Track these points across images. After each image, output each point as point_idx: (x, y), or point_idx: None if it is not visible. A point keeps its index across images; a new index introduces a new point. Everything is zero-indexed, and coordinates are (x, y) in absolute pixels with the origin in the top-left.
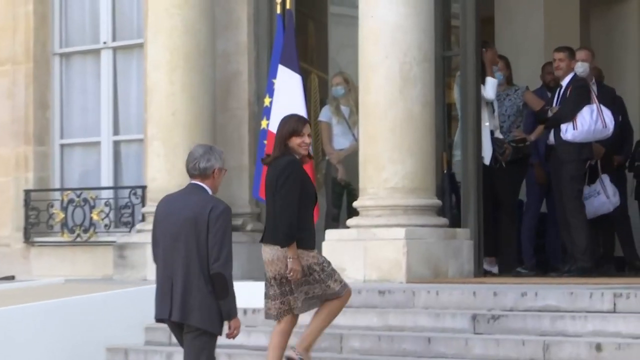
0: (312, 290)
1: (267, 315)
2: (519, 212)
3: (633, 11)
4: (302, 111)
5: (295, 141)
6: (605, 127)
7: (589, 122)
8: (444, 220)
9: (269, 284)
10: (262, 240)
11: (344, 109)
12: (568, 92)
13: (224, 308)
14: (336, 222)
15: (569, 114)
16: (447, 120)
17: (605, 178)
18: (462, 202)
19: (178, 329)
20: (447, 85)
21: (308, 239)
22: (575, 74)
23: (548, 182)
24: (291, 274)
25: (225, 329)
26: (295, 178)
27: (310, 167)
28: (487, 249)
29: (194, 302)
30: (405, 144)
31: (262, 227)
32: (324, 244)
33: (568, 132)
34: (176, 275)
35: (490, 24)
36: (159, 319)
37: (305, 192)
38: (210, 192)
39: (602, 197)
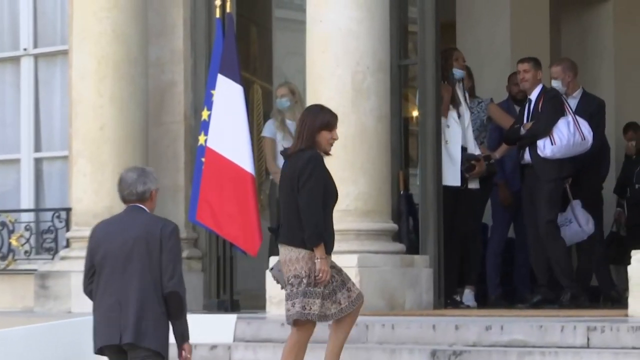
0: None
1: (288, 319)
2: (483, 237)
3: (607, 15)
4: (243, 125)
5: (325, 136)
6: (584, 139)
7: (567, 136)
8: (400, 247)
9: (286, 284)
10: (277, 240)
11: (290, 123)
12: (540, 105)
13: (178, 329)
14: None
15: (545, 128)
16: (404, 135)
17: (577, 205)
18: (420, 226)
19: (121, 356)
20: (403, 97)
21: (328, 242)
22: (543, 86)
23: (515, 203)
24: (320, 275)
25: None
26: (320, 172)
27: (251, 183)
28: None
29: (149, 323)
30: (357, 162)
31: (199, 254)
32: (267, 272)
33: (546, 148)
34: (128, 298)
35: (451, 30)
36: (100, 349)
37: (327, 189)
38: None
39: (575, 226)
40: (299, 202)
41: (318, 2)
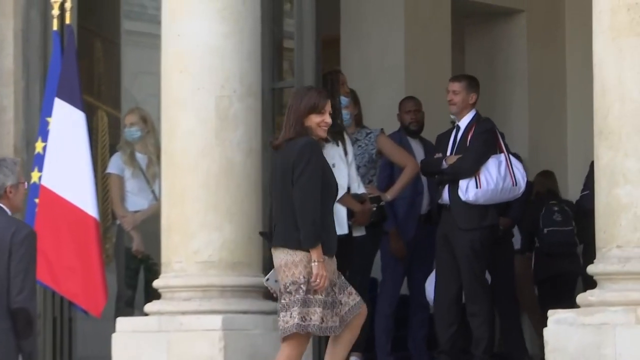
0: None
1: (284, 333)
2: (371, 294)
3: (520, 30)
4: (85, 160)
5: (314, 120)
6: (516, 184)
7: (496, 179)
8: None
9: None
10: (271, 244)
11: (141, 157)
12: (469, 137)
13: (25, 349)
14: (130, 307)
15: (471, 167)
16: None
17: None
18: None
19: None
20: (277, 126)
21: (329, 241)
22: (476, 113)
23: (410, 254)
24: (317, 280)
25: None
26: (316, 163)
27: (95, 229)
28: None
29: None
30: (222, 205)
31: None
32: (114, 336)
33: (469, 191)
34: None
35: (334, 47)
36: None
37: (325, 181)
38: (9, 212)
39: None
40: (293, 198)
41: (175, 13)
